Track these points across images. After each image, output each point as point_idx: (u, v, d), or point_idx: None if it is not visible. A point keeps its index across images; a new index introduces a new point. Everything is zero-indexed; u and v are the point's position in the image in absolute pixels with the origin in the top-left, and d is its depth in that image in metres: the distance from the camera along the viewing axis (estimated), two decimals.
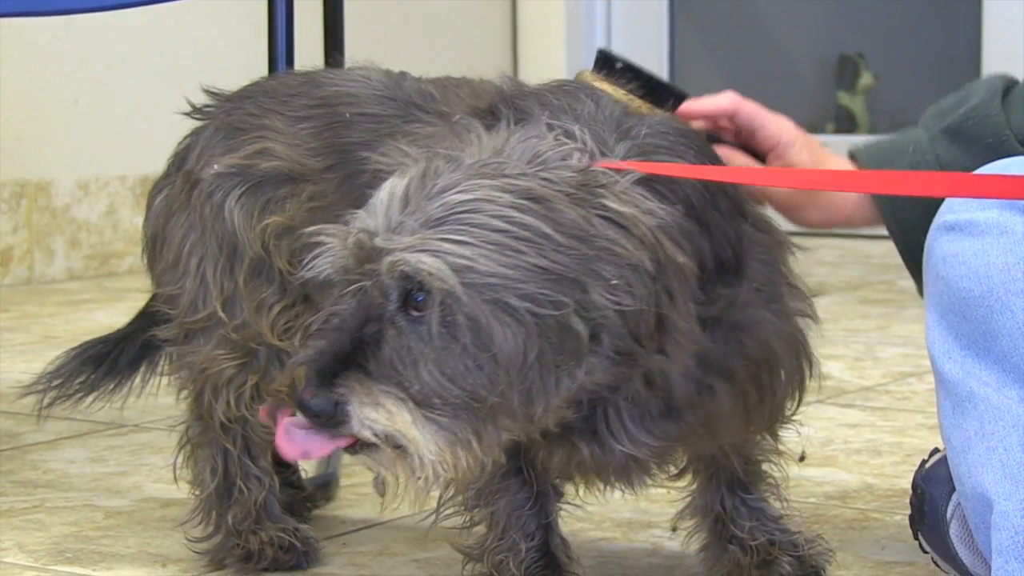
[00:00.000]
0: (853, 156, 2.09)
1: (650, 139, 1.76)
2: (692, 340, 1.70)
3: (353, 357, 1.62)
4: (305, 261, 1.69)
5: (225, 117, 2.11)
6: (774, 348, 1.82)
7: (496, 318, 1.60)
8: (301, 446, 1.65)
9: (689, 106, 2.01)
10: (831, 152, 2.10)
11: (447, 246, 1.60)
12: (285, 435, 1.66)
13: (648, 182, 1.69)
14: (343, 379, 1.61)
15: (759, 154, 2.06)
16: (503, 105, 1.83)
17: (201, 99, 2.16)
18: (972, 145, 2.02)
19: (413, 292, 1.61)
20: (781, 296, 1.84)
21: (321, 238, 1.68)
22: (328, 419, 1.61)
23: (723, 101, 2.04)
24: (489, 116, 1.83)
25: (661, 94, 1.98)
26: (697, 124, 2.00)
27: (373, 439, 1.62)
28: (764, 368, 1.83)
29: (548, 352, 1.63)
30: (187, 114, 2.17)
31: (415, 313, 1.62)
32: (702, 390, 1.76)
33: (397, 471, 1.64)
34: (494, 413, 1.63)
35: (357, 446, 1.64)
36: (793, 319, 1.86)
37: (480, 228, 1.61)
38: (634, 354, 1.67)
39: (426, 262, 1.60)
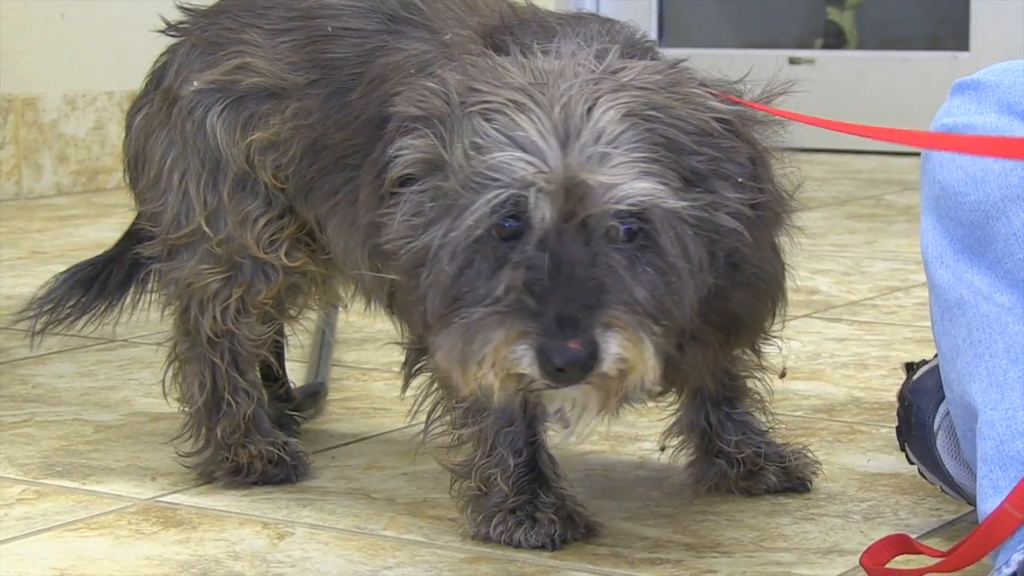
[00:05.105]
0: None
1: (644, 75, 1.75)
2: (777, 220, 1.76)
3: (586, 297, 1.59)
4: (513, 213, 1.62)
5: (201, 33, 2.10)
6: (741, 314, 1.83)
7: (685, 231, 1.64)
8: None
9: None
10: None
11: (643, 166, 1.62)
12: None
13: None
14: (592, 322, 1.58)
15: None
16: (503, 33, 1.83)
17: (176, 16, 2.15)
18: None
19: (625, 223, 1.62)
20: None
21: (524, 191, 1.61)
22: (585, 364, 1.59)
23: None
24: (492, 42, 1.83)
25: None
26: None
27: (616, 374, 1.61)
28: (731, 328, 1.85)
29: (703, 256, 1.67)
30: (161, 31, 2.15)
31: (628, 243, 1.62)
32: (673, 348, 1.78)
33: (590, 401, 1.65)
34: (676, 325, 1.67)
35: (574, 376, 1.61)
36: (769, 259, 1.85)
37: (644, 143, 1.63)
38: (741, 250, 1.70)
39: (645, 188, 1.61)
